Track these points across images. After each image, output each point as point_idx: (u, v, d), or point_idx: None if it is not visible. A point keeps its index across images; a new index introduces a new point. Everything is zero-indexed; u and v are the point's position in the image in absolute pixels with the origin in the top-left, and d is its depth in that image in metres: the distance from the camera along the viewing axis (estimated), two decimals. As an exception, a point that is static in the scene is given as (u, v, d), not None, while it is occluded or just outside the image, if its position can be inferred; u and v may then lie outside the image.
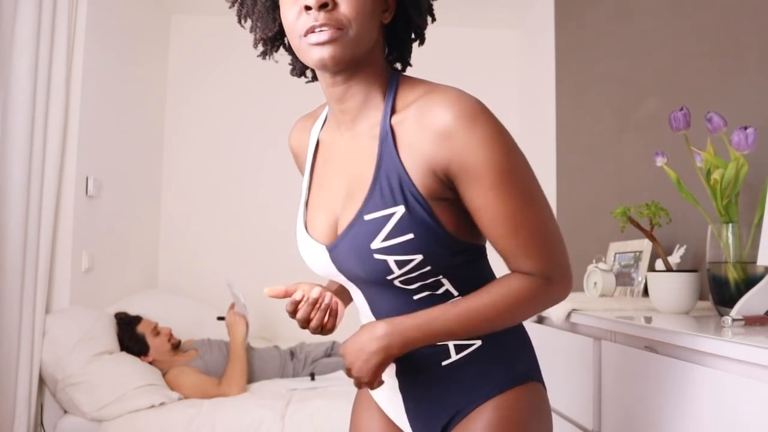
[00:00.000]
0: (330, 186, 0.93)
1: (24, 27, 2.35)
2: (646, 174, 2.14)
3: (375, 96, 0.88)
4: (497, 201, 0.81)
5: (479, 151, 0.79)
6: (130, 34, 3.22)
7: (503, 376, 0.91)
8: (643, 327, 1.24)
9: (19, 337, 2.31)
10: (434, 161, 0.81)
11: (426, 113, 0.81)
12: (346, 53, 0.82)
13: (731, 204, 1.33)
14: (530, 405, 0.92)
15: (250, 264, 3.63)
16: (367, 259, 0.85)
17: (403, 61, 0.97)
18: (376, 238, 0.83)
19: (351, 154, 0.90)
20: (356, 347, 0.87)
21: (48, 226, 2.46)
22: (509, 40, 3.89)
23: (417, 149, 0.82)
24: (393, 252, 0.83)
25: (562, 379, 1.58)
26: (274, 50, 0.97)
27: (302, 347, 2.89)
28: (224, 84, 3.73)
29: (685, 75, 1.96)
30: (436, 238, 0.84)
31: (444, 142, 0.80)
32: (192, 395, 2.48)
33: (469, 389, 0.91)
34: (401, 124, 0.84)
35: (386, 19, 0.89)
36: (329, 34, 0.81)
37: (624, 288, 2.05)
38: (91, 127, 2.74)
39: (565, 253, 0.87)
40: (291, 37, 0.85)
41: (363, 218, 0.85)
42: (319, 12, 0.80)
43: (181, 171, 3.69)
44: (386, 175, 0.84)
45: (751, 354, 0.90)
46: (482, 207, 0.82)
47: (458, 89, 0.83)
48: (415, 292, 0.89)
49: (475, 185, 0.81)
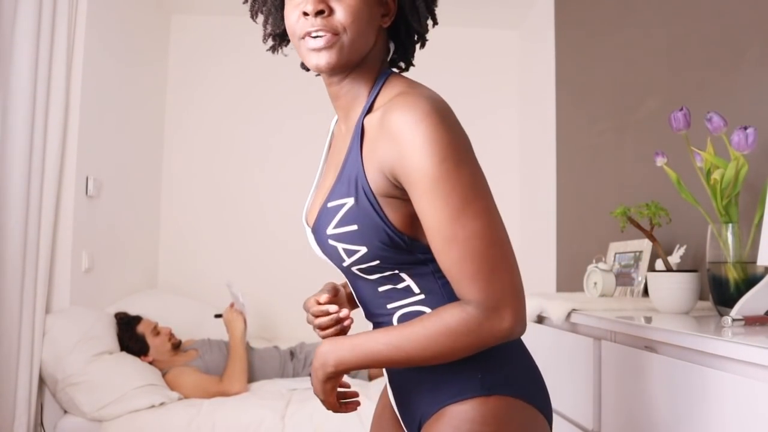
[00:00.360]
0: (328, 174, 0.99)
1: (24, 27, 2.35)
2: (646, 174, 2.14)
3: (362, 95, 0.93)
4: (428, 208, 0.79)
5: (414, 155, 0.78)
6: (130, 34, 3.22)
7: (468, 384, 0.85)
8: (643, 327, 1.24)
9: (19, 337, 2.31)
10: (383, 163, 0.83)
11: (386, 114, 0.82)
12: (340, 59, 0.87)
13: (731, 204, 1.33)
14: (489, 419, 0.84)
15: (249, 264, 3.63)
16: (326, 244, 0.90)
17: (406, 62, 1.01)
18: (330, 224, 0.88)
19: (341, 147, 0.96)
20: (312, 366, 0.94)
21: (48, 226, 2.45)
22: (509, 41, 3.89)
23: (374, 148, 0.85)
24: (341, 240, 0.87)
25: (562, 379, 1.58)
26: (283, 45, 1.02)
27: (302, 347, 2.89)
28: (224, 84, 3.73)
29: (685, 75, 1.96)
30: (380, 234, 0.84)
31: (392, 144, 0.81)
32: (193, 395, 2.48)
33: (436, 390, 0.88)
34: (370, 123, 0.88)
35: (386, 23, 0.92)
36: (324, 40, 0.85)
37: (624, 288, 2.05)
38: (91, 127, 2.74)
39: (512, 282, 0.79)
40: (291, 38, 0.91)
41: (327, 205, 0.90)
42: (315, 18, 0.85)
43: (181, 171, 3.69)
44: (348, 168, 0.88)
45: (751, 354, 0.90)
46: (420, 214, 0.81)
47: (427, 93, 0.83)
48: (378, 284, 0.91)
49: (413, 191, 0.80)
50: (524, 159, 3.72)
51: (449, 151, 0.78)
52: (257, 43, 4.31)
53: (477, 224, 0.78)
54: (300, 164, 3.56)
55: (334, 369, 0.89)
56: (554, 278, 3.08)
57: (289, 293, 3.59)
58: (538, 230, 3.39)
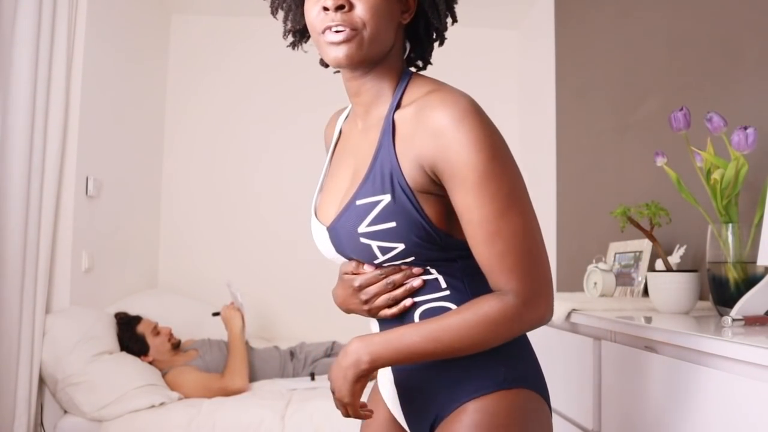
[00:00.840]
0: (340, 172, 0.98)
1: (24, 27, 2.35)
2: (646, 174, 2.14)
3: (386, 91, 0.93)
4: (475, 204, 0.81)
5: (462, 151, 0.80)
6: (130, 34, 3.22)
7: (490, 379, 0.88)
8: (643, 327, 1.24)
9: (19, 337, 2.31)
10: (423, 157, 0.84)
11: (423, 110, 0.84)
12: (360, 53, 0.87)
13: (731, 204, 1.33)
14: (513, 411, 0.87)
15: (249, 264, 3.63)
16: (355, 242, 0.89)
17: (423, 60, 1.02)
18: (363, 222, 0.87)
19: (360, 144, 0.95)
20: (335, 367, 0.89)
21: (48, 226, 2.45)
22: (509, 40, 3.89)
23: (411, 143, 0.85)
24: (376, 237, 0.87)
25: (562, 379, 1.58)
26: (303, 41, 1.02)
27: (302, 347, 2.89)
28: (224, 84, 3.73)
29: (685, 75, 1.96)
30: (418, 230, 0.85)
31: (433, 139, 0.82)
32: (194, 394, 2.47)
33: (454, 388, 0.89)
34: (402, 119, 0.88)
35: (405, 19, 0.93)
36: (344, 34, 0.86)
37: (624, 288, 2.05)
38: (91, 127, 2.74)
39: (546, 275, 0.83)
40: (311, 33, 0.91)
41: (355, 203, 0.89)
42: (335, 13, 0.85)
43: (181, 171, 3.69)
44: (381, 164, 0.88)
45: (751, 354, 0.90)
46: (462, 209, 0.82)
47: (461, 91, 0.85)
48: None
49: (457, 185, 0.82)
50: (524, 159, 3.71)
51: (496, 149, 0.81)
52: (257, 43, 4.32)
53: (520, 220, 0.81)
54: (300, 164, 3.56)
55: (369, 366, 0.85)
56: (554, 278, 3.08)
57: (289, 293, 3.60)
58: (538, 230, 3.39)
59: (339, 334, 3.05)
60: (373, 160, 0.89)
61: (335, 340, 2.98)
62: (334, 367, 0.89)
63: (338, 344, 2.94)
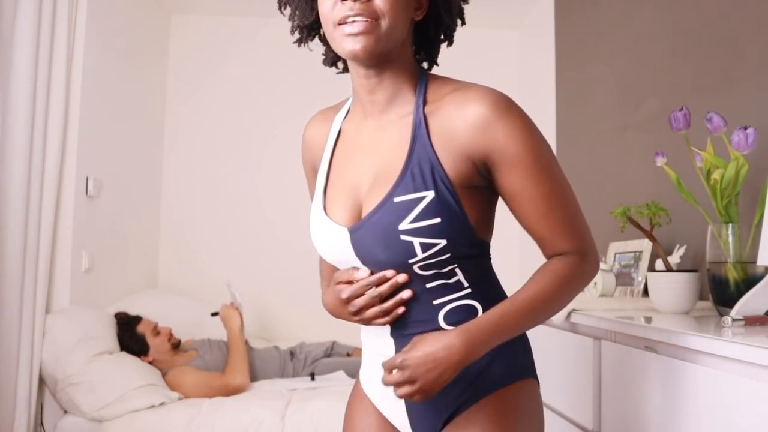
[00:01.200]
0: (353, 172, 0.95)
1: (24, 27, 2.35)
2: (646, 174, 2.14)
3: (405, 89, 0.93)
4: (534, 183, 0.87)
5: (515, 138, 0.86)
6: (130, 34, 3.22)
7: (505, 371, 0.93)
8: (643, 327, 1.24)
9: (19, 337, 2.31)
10: (472, 150, 0.87)
11: (462, 105, 0.87)
12: (377, 45, 0.86)
13: (731, 204, 1.33)
14: (528, 399, 0.95)
15: (249, 264, 3.63)
16: (394, 240, 0.87)
17: (431, 60, 1.01)
18: (405, 219, 0.87)
19: (378, 142, 0.94)
20: (428, 359, 0.82)
21: (48, 226, 2.45)
22: (509, 40, 3.89)
23: (452, 138, 0.87)
24: (420, 234, 0.86)
25: (562, 379, 1.58)
26: (309, 39, 1.00)
27: (302, 347, 2.89)
28: (224, 84, 3.73)
29: (685, 75, 1.96)
30: (459, 225, 0.88)
31: (480, 132, 0.86)
32: (194, 394, 2.47)
33: (474, 383, 0.93)
34: (434, 115, 0.89)
35: (418, 16, 0.93)
36: (363, 25, 0.84)
37: (624, 288, 2.05)
38: (91, 127, 2.74)
39: (589, 229, 0.93)
40: (326, 26, 0.89)
41: (393, 200, 0.88)
42: (354, 2, 0.84)
43: (181, 171, 3.69)
44: (418, 161, 0.88)
45: (751, 354, 0.90)
46: (520, 191, 0.88)
47: (488, 86, 0.89)
48: (429, 280, 0.91)
49: (513, 170, 0.87)
50: (524, 159, 3.71)
51: (538, 131, 0.89)
52: (257, 43, 4.32)
53: (567, 189, 0.91)
54: (300, 164, 3.55)
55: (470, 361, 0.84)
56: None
57: (289, 293, 3.60)
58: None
59: (339, 334, 3.05)
60: (408, 157, 0.89)
61: (335, 340, 2.98)
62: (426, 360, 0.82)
63: (338, 344, 2.95)
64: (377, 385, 1.00)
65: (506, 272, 1.16)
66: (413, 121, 0.90)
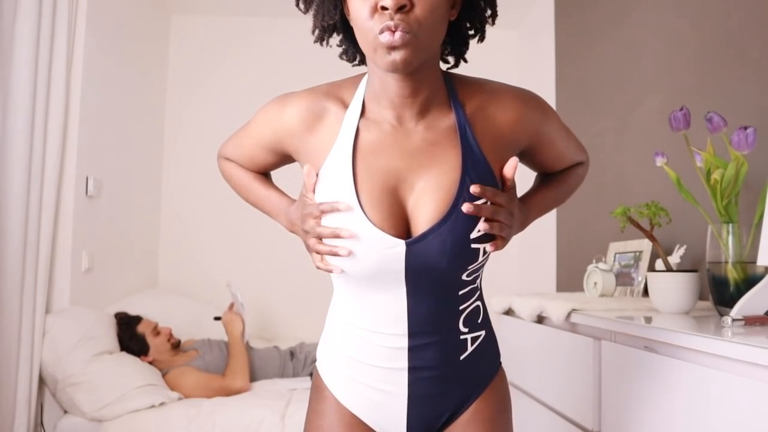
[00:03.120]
0: (391, 178, 0.89)
1: (24, 27, 2.35)
2: (646, 174, 2.14)
3: (441, 89, 0.92)
4: (563, 140, 1.05)
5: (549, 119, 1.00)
6: (130, 34, 3.22)
7: (492, 363, 1.02)
8: (643, 327, 1.24)
9: (19, 337, 2.31)
10: (519, 143, 0.95)
11: (500, 104, 0.93)
12: (417, 56, 0.83)
13: (731, 204, 1.33)
14: (505, 384, 1.05)
15: (250, 264, 3.63)
16: (464, 249, 0.87)
17: (459, 57, 0.99)
18: (475, 228, 0.86)
19: (420, 147, 0.89)
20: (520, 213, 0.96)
21: (48, 226, 2.45)
22: (509, 40, 3.89)
23: (498, 137, 0.92)
24: (484, 240, 0.88)
25: (562, 379, 1.58)
26: (330, 38, 0.96)
27: (302, 347, 2.89)
28: (224, 84, 3.73)
29: (685, 75, 1.96)
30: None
31: (521, 125, 0.94)
32: (194, 394, 2.47)
33: (475, 378, 0.98)
34: (477, 117, 0.91)
35: (453, 16, 0.90)
36: (403, 37, 0.80)
37: (624, 288, 2.05)
38: (91, 127, 2.74)
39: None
40: (361, 33, 0.84)
41: (460, 209, 0.86)
42: (395, 13, 0.80)
43: (181, 171, 3.69)
44: (473, 166, 0.88)
45: (751, 354, 0.90)
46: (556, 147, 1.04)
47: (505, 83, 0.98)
48: (464, 286, 0.93)
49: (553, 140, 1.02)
50: (524, 159, 3.71)
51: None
52: (257, 43, 4.32)
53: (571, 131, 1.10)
54: (298, 164, 3.55)
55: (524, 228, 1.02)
56: (554, 278, 3.08)
57: (290, 293, 3.60)
58: (538, 230, 3.39)
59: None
60: (463, 164, 0.87)
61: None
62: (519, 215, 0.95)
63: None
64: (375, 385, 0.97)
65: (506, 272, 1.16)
66: (458, 126, 0.89)
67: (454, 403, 0.97)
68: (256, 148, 1.07)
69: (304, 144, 0.96)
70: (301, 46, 3.79)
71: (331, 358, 1.01)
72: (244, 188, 1.18)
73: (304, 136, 0.95)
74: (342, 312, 0.99)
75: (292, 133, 0.96)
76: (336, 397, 1.00)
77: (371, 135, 0.91)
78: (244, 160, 1.13)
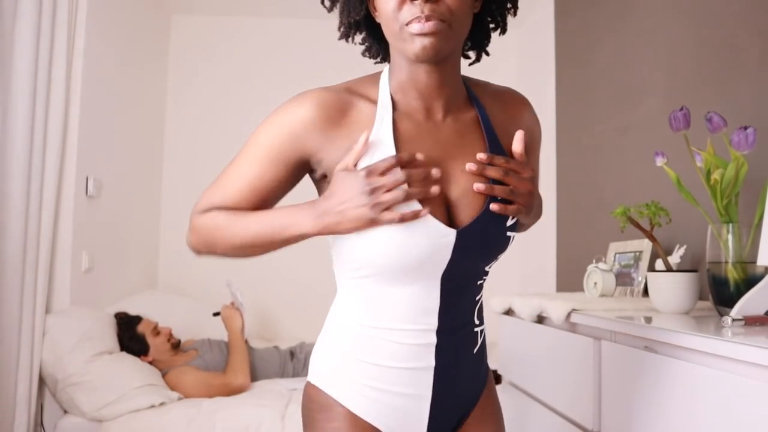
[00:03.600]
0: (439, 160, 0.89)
1: (24, 27, 2.35)
2: (646, 174, 2.14)
3: (460, 86, 0.95)
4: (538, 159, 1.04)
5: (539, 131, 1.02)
6: (130, 34, 3.22)
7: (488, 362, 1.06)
8: (643, 327, 1.24)
9: (19, 337, 2.31)
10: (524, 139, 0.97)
11: (510, 103, 0.97)
12: (446, 46, 0.85)
13: (731, 204, 1.33)
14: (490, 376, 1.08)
15: (249, 264, 3.62)
16: (501, 237, 0.91)
17: (482, 49, 1.01)
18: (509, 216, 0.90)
19: (450, 138, 0.91)
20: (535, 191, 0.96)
21: (48, 226, 2.45)
22: (509, 40, 3.89)
23: (508, 133, 0.94)
24: (514, 228, 0.92)
25: (562, 379, 1.58)
26: (356, 34, 0.97)
27: (302, 347, 2.89)
28: (224, 84, 3.73)
29: (685, 75, 1.96)
30: None
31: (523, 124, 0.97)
32: (194, 394, 2.47)
33: (481, 372, 1.01)
34: (493, 113, 0.95)
35: (477, 8, 0.92)
36: (434, 26, 0.82)
37: (624, 288, 2.05)
38: (91, 127, 2.74)
39: None
40: (389, 26, 0.86)
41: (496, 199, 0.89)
42: (425, 3, 0.81)
43: (181, 171, 3.69)
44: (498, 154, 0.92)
45: (751, 354, 0.90)
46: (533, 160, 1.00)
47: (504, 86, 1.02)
48: (483, 276, 0.95)
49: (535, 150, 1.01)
50: (524, 159, 3.71)
51: None
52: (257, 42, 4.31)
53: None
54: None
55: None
56: (554, 278, 3.08)
57: (290, 293, 3.60)
58: (538, 230, 3.39)
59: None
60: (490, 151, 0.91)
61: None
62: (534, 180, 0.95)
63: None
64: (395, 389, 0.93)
65: (506, 272, 1.18)
66: (481, 119, 0.93)
67: (470, 399, 0.99)
68: (262, 166, 0.90)
69: (330, 140, 0.89)
70: (302, 46, 3.80)
71: (337, 367, 0.95)
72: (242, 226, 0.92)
73: (329, 131, 0.88)
74: (353, 313, 0.93)
75: (314, 126, 0.88)
76: (349, 409, 0.93)
77: (408, 126, 0.90)
78: (242, 194, 0.92)
